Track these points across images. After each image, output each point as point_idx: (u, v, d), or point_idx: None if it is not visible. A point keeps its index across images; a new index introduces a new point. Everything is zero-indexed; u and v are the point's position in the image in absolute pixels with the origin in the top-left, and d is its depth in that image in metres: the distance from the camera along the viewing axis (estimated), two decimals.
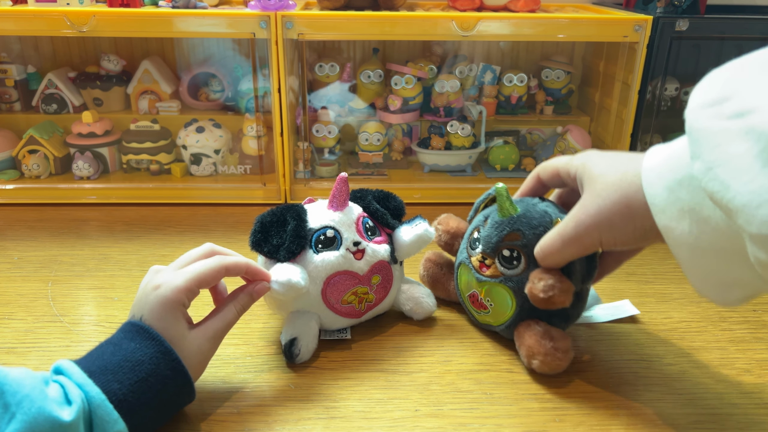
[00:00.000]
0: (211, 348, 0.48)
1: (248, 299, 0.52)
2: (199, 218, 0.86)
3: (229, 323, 0.50)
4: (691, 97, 0.38)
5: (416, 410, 0.49)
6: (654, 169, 0.43)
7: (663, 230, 0.42)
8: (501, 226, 0.54)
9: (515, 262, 0.54)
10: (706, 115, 0.36)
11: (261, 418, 0.48)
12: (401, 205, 0.60)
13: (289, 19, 0.81)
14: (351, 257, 0.55)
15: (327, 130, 0.97)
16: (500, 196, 0.54)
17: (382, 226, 0.59)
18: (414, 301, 0.60)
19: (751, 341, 0.59)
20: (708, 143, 0.36)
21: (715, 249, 0.40)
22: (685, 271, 0.43)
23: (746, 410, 0.50)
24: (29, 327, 0.59)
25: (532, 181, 0.57)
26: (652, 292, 0.68)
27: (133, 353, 0.43)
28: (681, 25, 0.84)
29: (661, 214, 0.42)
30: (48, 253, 0.74)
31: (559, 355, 0.51)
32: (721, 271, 0.40)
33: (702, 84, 0.38)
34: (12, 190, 0.90)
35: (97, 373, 0.41)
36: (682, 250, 0.41)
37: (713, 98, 0.36)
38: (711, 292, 0.42)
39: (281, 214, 0.55)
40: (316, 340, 0.55)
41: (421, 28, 0.84)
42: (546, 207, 0.55)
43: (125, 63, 1.01)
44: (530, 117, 1.04)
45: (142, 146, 0.94)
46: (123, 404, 0.41)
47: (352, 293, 0.55)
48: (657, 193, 0.42)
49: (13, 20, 0.81)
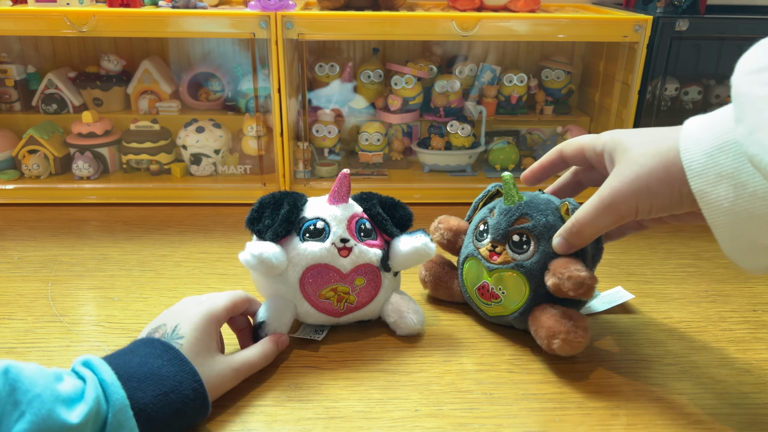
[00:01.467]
0: (232, 378, 0.49)
1: (273, 346, 0.53)
2: (199, 218, 0.86)
3: (252, 363, 0.51)
4: (738, 64, 0.39)
5: (416, 410, 0.49)
6: (692, 136, 0.44)
7: (698, 194, 0.42)
8: (509, 212, 0.56)
9: (525, 246, 0.55)
10: (751, 81, 0.37)
11: (261, 418, 0.48)
12: (408, 216, 0.60)
13: (289, 19, 0.81)
14: (335, 252, 0.54)
15: (327, 130, 0.97)
16: (506, 183, 0.56)
17: (381, 232, 0.58)
18: (398, 315, 0.58)
19: (751, 341, 0.59)
20: (752, 108, 0.37)
21: (750, 214, 0.40)
22: (716, 235, 0.43)
23: (746, 410, 0.50)
24: (29, 327, 0.59)
25: (553, 154, 0.57)
26: (652, 292, 0.68)
27: (160, 368, 0.44)
28: (681, 25, 0.84)
29: (698, 178, 0.42)
30: (48, 253, 0.74)
31: (580, 333, 0.52)
32: (753, 236, 0.41)
33: (750, 52, 0.39)
34: (12, 190, 0.90)
35: (124, 377, 0.42)
36: (715, 214, 0.42)
37: (759, 66, 0.37)
38: (740, 256, 0.43)
39: (280, 198, 0.56)
40: (287, 328, 0.55)
41: (421, 28, 0.84)
42: (548, 196, 0.57)
43: (125, 63, 1.01)
44: (530, 117, 1.04)
45: (142, 146, 0.94)
46: (142, 414, 0.41)
47: (331, 289, 0.55)
48: (695, 158, 0.43)
49: (13, 20, 0.81)
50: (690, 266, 0.73)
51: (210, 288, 0.67)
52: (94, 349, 0.56)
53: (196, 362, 0.46)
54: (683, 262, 0.73)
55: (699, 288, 0.69)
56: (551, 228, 0.54)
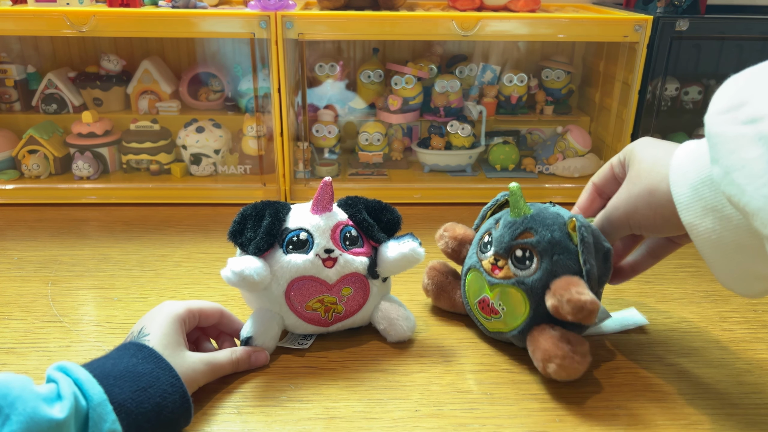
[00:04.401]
0: (203, 372, 0.49)
1: (245, 356, 0.53)
2: (199, 218, 0.86)
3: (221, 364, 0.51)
4: (710, 103, 0.40)
5: (416, 410, 0.49)
6: (681, 166, 0.45)
7: (687, 227, 0.44)
8: (514, 225, 0.53)
9: (527, 261, 0.52)
10: (722, 121, 0.38)
11: (261, 418, 0.48)
12: (396, 220, 0.58)
13: (289, 19, 0.81)
14: (320, 264, 0.53)
15: (327, 130, 0.97)
16: (514, 195, 0.54)
17: (368, 238, 0.57)
18: (388, 322, 0.57)
19: (751, 341, 0.59)
20: (725, 148, 0.37)
21: (737, 245, 0.41)
22: (709, 265, 0.44)
23: (747, 410, 0.50)
24: (29, 327, 0.59)
25: (587, 192, 0.57)
26: (652, 292, 0.68)
27: (135, 366, 0.44)
28: (681, 25, 0.84)
29: (686, 211, 0.43)
30: (48, 253, 0.74)
31: (577, 359, 0.49)
32: (744, 265, 0.42)
33: (720, 90, 0.40)
34: (12, 190, 0.90)
35: (100, 376, 0.42)
36: (706, 245, 0.43)
37: (729, 104, 0.38)
38: (735, 285, 0.44)
39: (262, 208, 0.55)
40: (275, 341, 0.55)
41: (421, 28, 0.84)
42: (558, 210, 0.55)
43: (125, 63, 1.01)
44: (530, 117, 1.04)
45: (142, 146, 0.94)
46: (122, 409, 0.41)
47: (317, 300, 0.54)
48: (682, 192, 0.44)
49: (13, 20, 0.81)
50: (690, 266, 0.73)
51: (210, 288, 0.67)
52: (94, 349, 0.56)
53: (166, 355, 0.46)
54: (683, 262, 0.73)
55: (699, 288, 0.69)
56: (556, 245, 0.51)
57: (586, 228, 0.51)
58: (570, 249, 0.52)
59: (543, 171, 0.99)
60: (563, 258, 0.51)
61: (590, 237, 0.51)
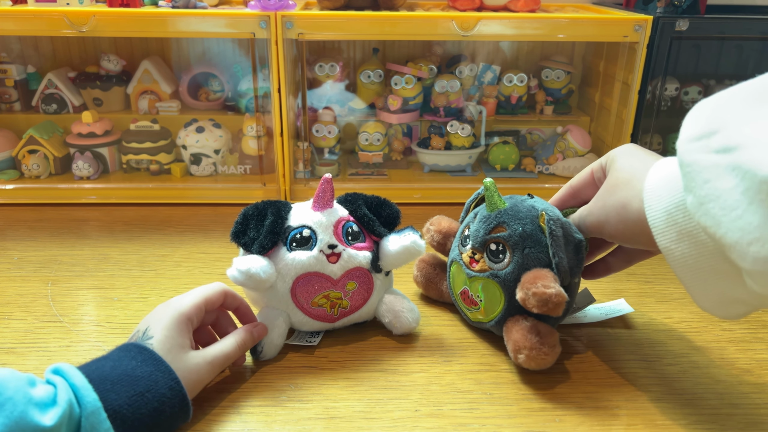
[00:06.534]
0: (208, 371, 0.48)
1: (248, 336, 0.52)
2: (199, 218, 0.86)
3: (227, 354, 0.50)
4: (681, 130, 0.39)
5: (416, 410, 0.49)
6: (655, 189, 0.44)
7: (664, 251, 0.43)
8: (488, 219, 0.55)
9: (501, 255, 0.54)
10: (695, 149, 0.37)
11: (261, 418, 0.48)
12: (396, 214, 0.59)
13: (289, 19, 0.81)
14: (324, 259, 0.54)
15: (327, 130, 0.97)
16: (488, 190, 0.55)
17: (369, 233, 0.58)
18: (393, 314, 0.57)
19: (751, 341, 0.59)
20: (699, 177, 0.36)
21: (715, 270, 0.40)
22: (687, 289, 0.43)
23: (747, 410, 0.50)
24: (29, 327, 0.59)
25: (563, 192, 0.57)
26: (652, 292, 0.68)
27: (134, 369, 0.43)
28: (681, 25, 0.84)
29: (661, 236, 0.42)
30: (48, 253, 0.74)
31: (545, 350, 0.51)
32: (721, 289, 0.41)
33: (689, 116, 0.39)
34: (12, 190, 0.90)
35: (96, 381, 0.41)
36: (682, 270, 0.42)
37: (701, 132, 0.37)
38: (713, 308, 0.43)
39: (263, 208, 0.55)
40: (283, 338, 0.55)
41: (421, 28, 0.84)
42: (534, 202, 0.55)
43: (125, 63, 1.01)
44: (530, 117, 1.04)
45: (142, 146, 0.94)
46: (117, 415, 0.41)
47: (323, 296, 0.55)
48: (657, 216, 0.43)
49: (13, 20, 0.81)
50: None
51: None
52: (94, 349, 0.56)
53: (169, 359, 0.45)
54: None
55: None
56: (527, 238, 0.53)
57: (554, 221, 0.52)
58: (542, 242, 0.53)
59: (543, 171, 0.99)
60: (534, 251, 0.53)
61: (559, 230, 0.52)
